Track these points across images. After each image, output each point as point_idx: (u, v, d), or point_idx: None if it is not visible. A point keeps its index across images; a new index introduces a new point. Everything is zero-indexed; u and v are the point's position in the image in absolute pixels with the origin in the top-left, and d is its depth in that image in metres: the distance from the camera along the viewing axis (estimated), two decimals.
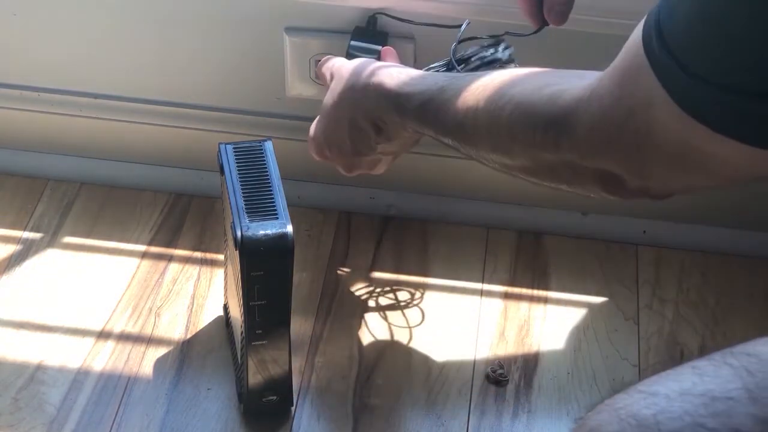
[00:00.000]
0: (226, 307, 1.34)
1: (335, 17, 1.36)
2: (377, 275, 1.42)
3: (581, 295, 1.41)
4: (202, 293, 1.38)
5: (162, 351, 1.32)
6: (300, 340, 1.33)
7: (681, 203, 1.46)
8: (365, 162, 1.25)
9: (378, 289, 1.40)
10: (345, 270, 1.42)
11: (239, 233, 1.14)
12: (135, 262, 1.42)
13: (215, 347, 1.33)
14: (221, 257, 1.34)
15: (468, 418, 1.26)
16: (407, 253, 1.44)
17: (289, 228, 1.15)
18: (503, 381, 1.30)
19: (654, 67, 0.83)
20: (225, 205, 1.22)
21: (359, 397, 1.28)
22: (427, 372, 1.31)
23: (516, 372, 1.31)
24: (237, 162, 1.22)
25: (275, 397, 1.24)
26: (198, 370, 1.30)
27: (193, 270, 1.41)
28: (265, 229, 1.15)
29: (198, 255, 1.43)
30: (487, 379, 1.30)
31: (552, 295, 1.40)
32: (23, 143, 1.53)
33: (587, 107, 0.91)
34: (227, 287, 1.32)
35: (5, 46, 1.46)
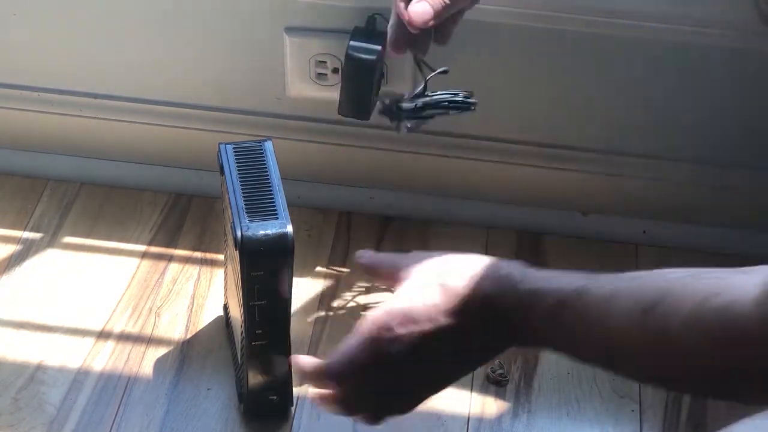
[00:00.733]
0: (226, 307, 1.34)
1: (335, 17, 1.36)
2: None
3: None
4: (202, 293, 1.38)
5: (162, 351, 1.32)
6: (300, 340, 1.33)
7: (681, 203, 1.46)
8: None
9: (378, 289, 1.40)
10: (345, 270, 1.42)
11: (239, 233, 1.14)
12: (135, 262, 1.42)
13: (215, 347, 1.33)
14: (221, 257, 1.34)
15: (468, 418, 1.26)
16: None
17: (289, 228, 1.15)
18: (503, 381, 1.30)
19: None
20: (225, 205, 1.22)
21: None
22: None
23: (516, 372, 1.31)
24: (237, 162, 1.22)
25: (275, 397, 1.24)
26: (198, 370, 1.30)
27: (193, 270, 1.41)
28: (265, 229, 1.15)
29: (198, 255, 1.43)
30: (487, 379, 1.30)
31: None
32: (23, 143, 1.52)
33: (766, 327, 0.75)
34: (227, 287, 1.32)
35: (5, 46, 1.45)
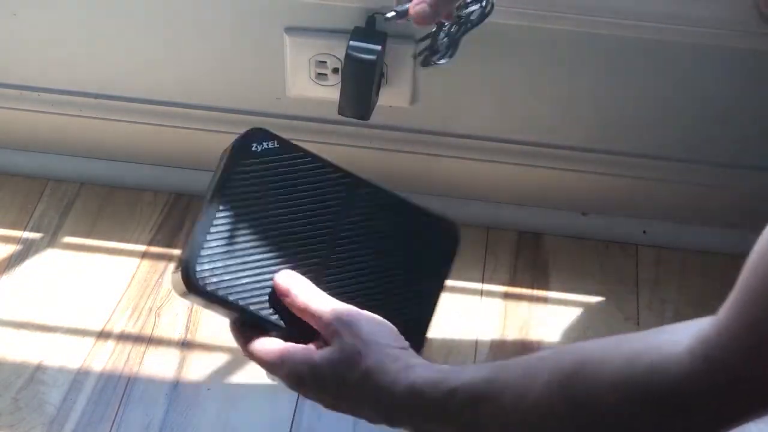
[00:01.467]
0: None
1: (335, 17, 1.36)
2: None
3: (581, 295, 1.41)
4: None
5: (162, 351, 1.32)
6: None
7: (681, 203, 1.46)
8: None
9: None
10: None
11: None
12: (135, 262, 1.42)
13: (215, 347, 1.33)
14: None
15: None
16: None
17: None
18: None
19: None
20: None
21: None
22: None
23: None
24: None
25: None
26: (198, 370, 1.30)
27: None
28: None
29: None
30: None
31: (552, 295, 1.40)
32: (23, 143, 1.53)
33: (712, 375, 0.73)
34: None
35: (5, 46, 1.46)
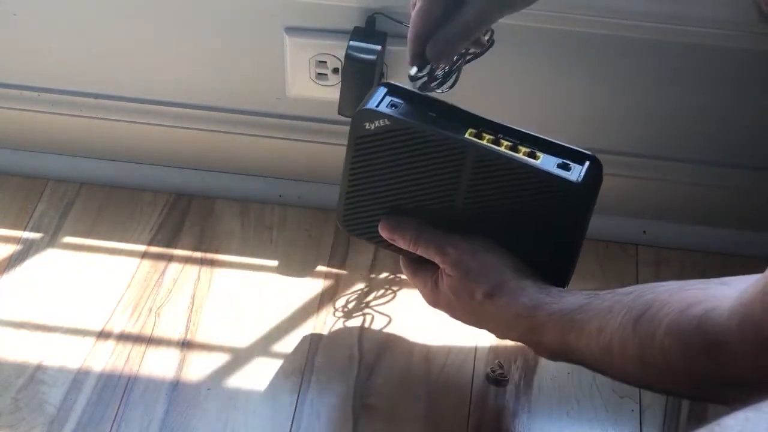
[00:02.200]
0: None
1: (335, 17, 1.36)
2: (377, 275, 1.42)
3: None
4: (202, 293, 1.38)
5: (162, 351, 1.32)
6: (299, 339, 1.33)
7: (681, 203, 1.46)
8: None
9: (378, 289, 1.40)
10: (345, 270, 1.42)
11: None
12: (135, 262, 1.42)
13: (215, 347, 1.33)
14: (221, 257, 1.34)
15: (468, 418, 1.26)
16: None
17: None
18: (503, 381, 1.30)
19: None
20: None
21: (359, 397, 1.28)
22: (427, 372, 1.31)
23: (516, 372, 1.31)
24: None
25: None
26: (198, 370, 1.30)
27: (193, 270, 1.41)
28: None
29: (198, 255, 1.43)
30: (487, 379, 1.30)
31: None
32: (23, 143, 1.53)
33: (741, 336, 0.87)
34: None
35: (5, 46, 1.46)
